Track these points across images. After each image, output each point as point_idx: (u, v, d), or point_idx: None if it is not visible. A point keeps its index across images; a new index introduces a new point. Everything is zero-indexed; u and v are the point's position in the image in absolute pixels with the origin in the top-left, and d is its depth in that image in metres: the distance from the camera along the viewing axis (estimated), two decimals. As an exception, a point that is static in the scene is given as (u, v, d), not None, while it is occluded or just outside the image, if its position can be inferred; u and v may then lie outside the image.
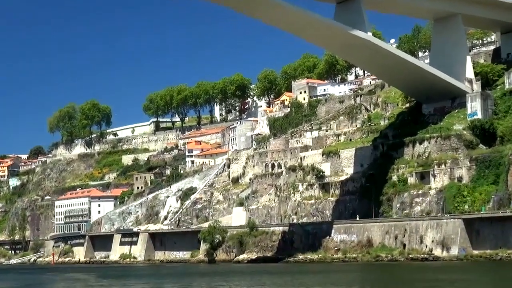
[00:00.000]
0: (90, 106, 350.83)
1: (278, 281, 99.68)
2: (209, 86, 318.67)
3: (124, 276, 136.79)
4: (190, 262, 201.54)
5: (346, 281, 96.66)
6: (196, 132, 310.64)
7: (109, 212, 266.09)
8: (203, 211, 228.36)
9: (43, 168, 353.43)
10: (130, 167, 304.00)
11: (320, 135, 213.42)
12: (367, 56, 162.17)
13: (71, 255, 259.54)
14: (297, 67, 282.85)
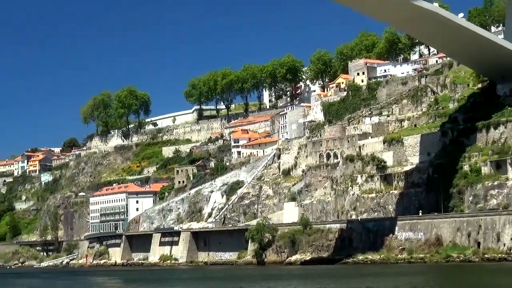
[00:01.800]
0: (126, 93, 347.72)
1: (335, 286, 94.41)
2: (257, 70, 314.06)
3: (157, 280, 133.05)
4: (236, 264, 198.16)
5: (413, 285, 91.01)
6: (243, 120, 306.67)
7: (148, 209, 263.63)
8: (251, 207, 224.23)
9: (77, 162, 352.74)
10: (170, 160, 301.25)
11: (380, 121, 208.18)
12: (434, 31, 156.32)
13: (106, 257, 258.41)
14: (354, 47, 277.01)
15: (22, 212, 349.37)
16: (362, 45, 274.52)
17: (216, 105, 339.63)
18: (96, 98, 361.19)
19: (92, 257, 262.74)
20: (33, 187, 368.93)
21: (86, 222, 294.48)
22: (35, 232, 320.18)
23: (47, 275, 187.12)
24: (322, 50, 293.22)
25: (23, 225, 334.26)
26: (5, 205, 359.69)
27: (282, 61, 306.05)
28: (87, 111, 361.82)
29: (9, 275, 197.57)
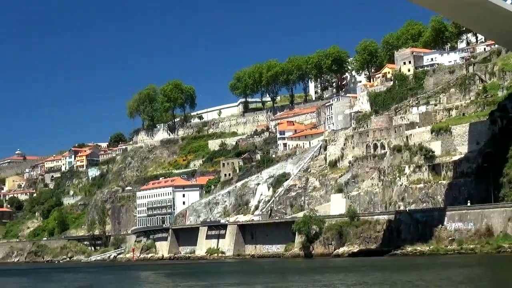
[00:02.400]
0: (172, 87, 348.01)
1: (384, 279, 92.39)
2: (302, 61, 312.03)
3: (205, 274, 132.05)
4: (284, 256, 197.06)
5: (468, 277, 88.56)
6: (289, 112, 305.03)
7: (195, 202, 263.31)
8: (297, 199, 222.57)
9: (124, 157, 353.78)
10: (216, 153, 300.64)
11: (428, 110, 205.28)
12: (482, 18, 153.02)
13: (153, 250, 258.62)
14: (400, 36, 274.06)
15: (70, 207, 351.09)
16: (408, 34, 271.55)
17: (262, 97, 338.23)
18: (141, 93, 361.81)
19: (139, 251, 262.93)
20: (81, 182, 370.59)
21: (133, 216, 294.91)
22: (83, 227, 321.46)
23: (93, 270, 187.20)
24: (368, 40, 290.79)
25: (71, 220, 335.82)
26: (53, 200, 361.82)
27: (328, 52, 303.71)
28: (133, 106, 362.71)
29: (56, 270, 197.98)
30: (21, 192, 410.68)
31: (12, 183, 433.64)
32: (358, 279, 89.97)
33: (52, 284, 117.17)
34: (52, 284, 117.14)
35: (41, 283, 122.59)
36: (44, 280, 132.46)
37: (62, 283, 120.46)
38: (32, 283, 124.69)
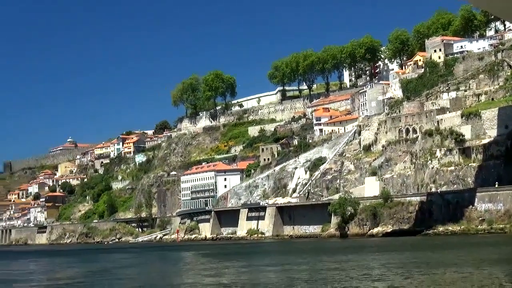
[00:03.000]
0: (213, 76, 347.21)
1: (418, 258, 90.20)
2: (337, 50, 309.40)
3: (246, 254, 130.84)
4: (320, 236, 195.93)
5: (499, 257, 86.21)
6: (325, 100, 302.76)
7: (235, 186, 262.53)
8: (333, 182, 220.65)
9: (169, 143, 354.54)
10: (256, 139, 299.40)
11: (458, 96, 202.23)
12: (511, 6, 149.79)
13: (197, 231, 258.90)
14: (431, 25, 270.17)
15: (118, 191, 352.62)
16: (439, 23, 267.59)
17: (299, 85, 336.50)
18: (185, 82, 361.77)
19: (184, 232, 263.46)
20: (128, 167, 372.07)
21: (178, 199, 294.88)
22: (131, 209, 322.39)
23: (136, 250, 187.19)
24: (399, 30, 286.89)
25: (120, 204, 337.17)
26: (103, 185, 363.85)
27: (361, 42, 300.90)
28: (176, 95, 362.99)
29: (103, 250, 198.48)
30: (73, 178, 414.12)
31: (64, 169, 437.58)
32: (392, 258, 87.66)
33: (85, 264, 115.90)
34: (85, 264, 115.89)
35: (80, 263, 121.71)
36: (88, 261, 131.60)
37: (98, 263, 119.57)
38: (75, 263, 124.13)
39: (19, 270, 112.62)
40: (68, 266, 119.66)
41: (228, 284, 67.57)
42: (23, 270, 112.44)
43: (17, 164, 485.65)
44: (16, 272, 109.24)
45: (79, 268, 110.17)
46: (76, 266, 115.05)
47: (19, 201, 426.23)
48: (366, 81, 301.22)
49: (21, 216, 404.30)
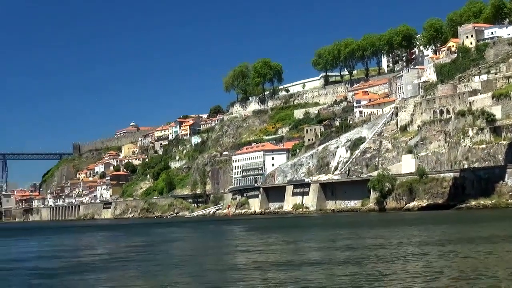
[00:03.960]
0: (262, 64, 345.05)
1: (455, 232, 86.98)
2: (376, 38, 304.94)
3: (293, 227, 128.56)
4: (360, 210, 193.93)
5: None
6: (364, 84, 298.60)
7: (282, 164, 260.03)
8: (372, 160, 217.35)
9: (221, 126, 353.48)
10: (301, 121, 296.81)
11: (489, 79, 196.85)
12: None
13: (247, 206, 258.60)
14: (463, 14, 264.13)
15: (176, 170, 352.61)
16: (470, 11, 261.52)
17: (340, 71, 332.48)
18: (235, 70, 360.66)
19: (235, 207, 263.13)
20: (185, 148, 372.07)
21: (230, 177, 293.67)
22: (187, 186, 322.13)
23: (191, 223, 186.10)
24: (434, 18, 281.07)
25: (177, 181, 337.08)
26: (162, 164, 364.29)
27: (398, 30, 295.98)
28: (228, 81, 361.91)
29: (160, 224, 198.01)
30: (135, 158, 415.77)
31: (127, 150, 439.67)
32: (428, 233, 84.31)
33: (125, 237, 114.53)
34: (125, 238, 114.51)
35: (140, 235, 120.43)
36: (145, 234, 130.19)
37: (155, 236, 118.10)
38: (136, 235, 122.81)
39: (87, 242, 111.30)
40: (130, 237, 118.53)
41: (276, 253, 65.32)
42: (91, 241, 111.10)
43: (85, 146, 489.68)
44: (83, 243, 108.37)
45: (140, 238, 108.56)
46: (137, 238, 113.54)
47: (87, 179, 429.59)
48: (403, 66, 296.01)
49: (88, 193, 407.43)
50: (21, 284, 48.71)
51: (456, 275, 42.26)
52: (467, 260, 50.15)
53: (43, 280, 50.69)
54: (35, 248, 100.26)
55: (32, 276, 53.84)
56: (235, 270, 52.35)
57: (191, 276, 49.67)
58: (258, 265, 54.37)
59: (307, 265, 52.58)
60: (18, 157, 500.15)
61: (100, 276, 51.94)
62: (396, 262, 51.21)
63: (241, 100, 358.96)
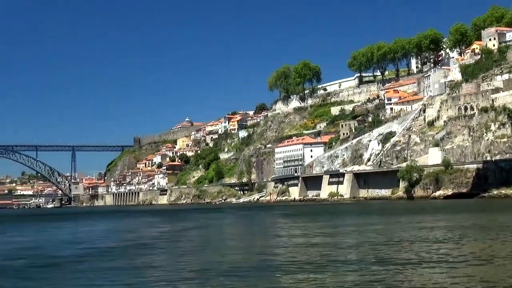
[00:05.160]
0: (302, 66, 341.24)
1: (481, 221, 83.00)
2: (405, 42, 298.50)
3: (328, 213, 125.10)
4: (390, 198, 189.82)
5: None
6: (395, 83, 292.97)
7: (319, 156, 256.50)
8: (401, 152, 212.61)
9: (265, 121, 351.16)
10: (337, 117, 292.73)
11: (510, 78, 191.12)
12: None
13: (287, 194, 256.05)
14: (486, 19, 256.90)
15: (224, 161, 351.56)
16: (493, 17, 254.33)
17: (373, 72, 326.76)
18: (278, 71, 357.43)
19: (276, 194, 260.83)
20: (233, 141, 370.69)
21: (272, 167, 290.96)
22: (234, 175, 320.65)
23: (232, 209, 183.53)
24: (459, 23, 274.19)
25: (226, 171, 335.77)
26: (212, 156, 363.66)
27: (426, 34, 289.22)
28: (272, 81, 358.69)
29: (209, 210, 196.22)
30: (189, 150, 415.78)
31: (182, 143, 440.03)
32: (453, 222, 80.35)
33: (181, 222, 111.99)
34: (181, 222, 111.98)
35: (172, 220, 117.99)
36: (178, 219, 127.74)
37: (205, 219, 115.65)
38: (187, 219, 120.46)
39: (144, 224, 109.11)
40: (182, 219, 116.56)
41: (314, 235, 62.28)
42: (148, 223, 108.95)
43: (144, 139, 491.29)
44: (141, 224, 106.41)
45: (190, 222, 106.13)
46: (188, 221, 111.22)
47: (145, 169, 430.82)
48: (430, 67, 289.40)
49: (147, 181, 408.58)
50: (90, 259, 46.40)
51: (484, 259, 39.53)
52: (494, 245, 46.82)
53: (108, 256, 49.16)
54: (100, 228, 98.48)
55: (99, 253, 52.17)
56: (280, 248, 50.94)
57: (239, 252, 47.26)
58: (300, 245, 52.42)
59: (347, 247, 50.04)
60: (85, 149, 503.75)
61: (155, 252, 52.09)
62: (432, 245, 48.12)
63: (283, 98, 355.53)
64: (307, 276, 33.93)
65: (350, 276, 33.49)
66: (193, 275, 36.01)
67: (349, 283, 31.39)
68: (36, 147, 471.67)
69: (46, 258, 48.74)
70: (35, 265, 44.19)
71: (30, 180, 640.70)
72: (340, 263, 38.70)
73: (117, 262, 44.91)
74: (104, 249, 55.82)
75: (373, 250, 45.52)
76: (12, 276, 38.27)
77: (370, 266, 36.85)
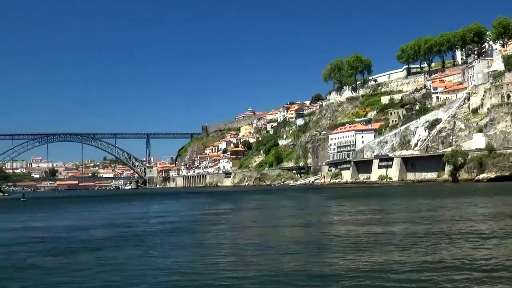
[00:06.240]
0: (354, 58, 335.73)
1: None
2: (451, 35, 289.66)
3: (378, 195, 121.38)
4: (436, 181, 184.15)
5: None
6: (441, 74, 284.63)
7: (370, 141, 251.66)
8: (447, 138, 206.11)
9: (320, 110, 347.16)
10: (387, 105, 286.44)
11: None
12: None
13: (340, 177, 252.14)
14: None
15: (283, 147, 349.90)
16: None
17: (420, 64, 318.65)
18: (332, 64, 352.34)
19: (330, 177, 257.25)
20: (291, 129, 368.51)
21: (327, 152, 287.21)
22: (292, 160, 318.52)
23: (289, 191, 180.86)
24: (502, 17, 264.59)
25: (284, 156, 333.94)
26: (272, 142, 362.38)
27: (471, 28, 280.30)
28: (326, 73, 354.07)
29: (269, 191, 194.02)
30: (251, 137, 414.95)
31: (245, 130, 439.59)
32: (496, 204, 76.13)
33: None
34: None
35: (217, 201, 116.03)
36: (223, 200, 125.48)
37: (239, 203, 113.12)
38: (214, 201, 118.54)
39: (210, 203, 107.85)
40: (248, 199, 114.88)
41: (367, 213, 59.44)
42: (213, 203, 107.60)
43: (211, 127, 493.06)
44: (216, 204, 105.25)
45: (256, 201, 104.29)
46: (254, 200, 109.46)
47: (212, 154, 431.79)
48: (474, 58, 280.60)
49: (213, 165, 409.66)
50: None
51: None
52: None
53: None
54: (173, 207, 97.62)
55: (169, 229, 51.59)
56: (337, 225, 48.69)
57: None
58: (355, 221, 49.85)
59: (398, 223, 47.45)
60: (158, 137, 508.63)
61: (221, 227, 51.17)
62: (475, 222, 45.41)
63: (337, 89, 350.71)
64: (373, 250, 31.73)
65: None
66: (251, 249, 34.52)
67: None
68: (115, 135, 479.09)
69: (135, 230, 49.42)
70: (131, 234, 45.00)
71: (110, 164, 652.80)
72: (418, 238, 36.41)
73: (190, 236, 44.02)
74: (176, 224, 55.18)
75: (448, 225, 43.15)
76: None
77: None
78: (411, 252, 31.41)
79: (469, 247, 32.51)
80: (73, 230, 53.05)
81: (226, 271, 28.01)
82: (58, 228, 56.96)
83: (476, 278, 24.69)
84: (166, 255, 33.71)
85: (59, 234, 49.68)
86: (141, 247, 37.54)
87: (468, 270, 26.17)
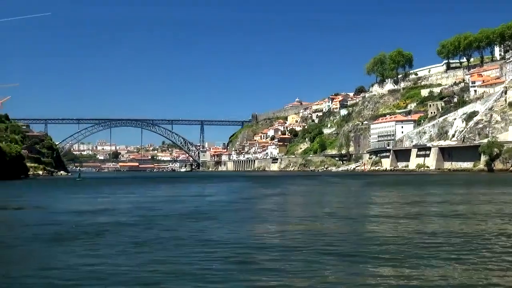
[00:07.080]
0: (396, 53, 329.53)
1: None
2: (490, 32, 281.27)
3: (416, 182, 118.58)
4: (472, 171, 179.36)
5: None
6: (479, 69, 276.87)
7: (409, 132, 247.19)
8: (483, 130, 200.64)
9: (363, 101, 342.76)
10: (426, 98, 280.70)
11: None
12: None
13: (380, 164, 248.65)
14: None
15: (327, 135, 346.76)
16: None
17: (460, 59, 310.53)
18: (375, 58, 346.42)
19: (370, 165, 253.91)
20: (335, 118, 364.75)
21: (368, 141, 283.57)
22: (335, 148, 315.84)
23: (338, 175, 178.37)
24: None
25: (328, 143, 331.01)
26: (317, 130, 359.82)
27: (509, 25, 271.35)
28: (369, 67, 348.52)
29: (314, 176, 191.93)
30: (297, 125, 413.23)
31: (292, 119, 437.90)
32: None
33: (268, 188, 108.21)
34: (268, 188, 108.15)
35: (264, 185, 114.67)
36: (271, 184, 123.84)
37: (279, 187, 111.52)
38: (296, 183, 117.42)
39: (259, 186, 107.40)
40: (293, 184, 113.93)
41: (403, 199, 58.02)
42: (261, 186, 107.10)
43: (261, 115, 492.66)
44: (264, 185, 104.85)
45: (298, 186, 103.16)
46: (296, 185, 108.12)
47: (261, 141, 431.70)
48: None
49: (261, 151, 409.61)
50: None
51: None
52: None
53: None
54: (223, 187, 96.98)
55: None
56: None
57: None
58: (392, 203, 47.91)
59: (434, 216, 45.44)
60: (212, 123, 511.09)
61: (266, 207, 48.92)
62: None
63: (379, 82, 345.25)
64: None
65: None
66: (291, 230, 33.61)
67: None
68: (171, 121, 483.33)
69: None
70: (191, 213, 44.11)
71: (168, 148, 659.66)
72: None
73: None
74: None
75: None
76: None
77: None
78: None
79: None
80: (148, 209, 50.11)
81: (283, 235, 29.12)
82: (139, 202, 56.53)
83: None
84: (236, 227, 34.22)
85: (144, 208, 48.36)
86: (212, 220, 37.53)
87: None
